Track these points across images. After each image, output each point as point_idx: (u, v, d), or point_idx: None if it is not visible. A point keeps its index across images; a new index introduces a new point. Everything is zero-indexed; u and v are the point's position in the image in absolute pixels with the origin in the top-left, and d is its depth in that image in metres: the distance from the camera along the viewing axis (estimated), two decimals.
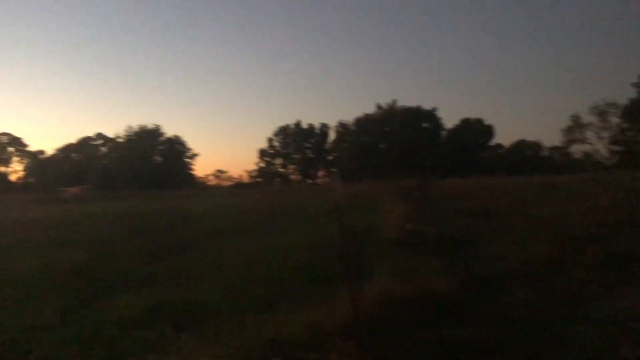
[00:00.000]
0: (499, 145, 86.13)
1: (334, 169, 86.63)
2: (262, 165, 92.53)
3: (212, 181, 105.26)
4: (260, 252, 12.30)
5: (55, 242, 16.23)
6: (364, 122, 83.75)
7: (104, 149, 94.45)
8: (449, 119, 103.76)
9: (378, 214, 18.63)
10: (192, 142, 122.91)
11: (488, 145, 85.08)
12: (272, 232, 16.17)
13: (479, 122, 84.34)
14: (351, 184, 37.61)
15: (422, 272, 9.28)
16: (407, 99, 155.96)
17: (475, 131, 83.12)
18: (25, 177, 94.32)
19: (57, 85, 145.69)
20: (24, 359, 6.06)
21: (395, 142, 78.48)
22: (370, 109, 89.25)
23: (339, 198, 6.28)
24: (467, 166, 68.12)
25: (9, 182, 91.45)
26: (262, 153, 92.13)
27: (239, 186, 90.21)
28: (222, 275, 9.84)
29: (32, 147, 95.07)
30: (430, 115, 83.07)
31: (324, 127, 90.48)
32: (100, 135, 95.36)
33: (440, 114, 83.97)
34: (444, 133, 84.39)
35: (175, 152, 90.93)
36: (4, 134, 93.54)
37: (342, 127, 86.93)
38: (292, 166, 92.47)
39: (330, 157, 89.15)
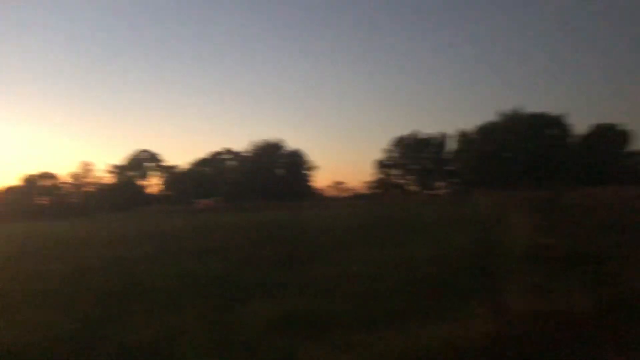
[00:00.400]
0: None
1: (454, 179, 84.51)
2: (380, 176, 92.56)
3: (331, 192, 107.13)
4: (386, 263, 12.41)
5: (192, 250, 17.54)
6: (486, 130, 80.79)
7: (232, 163, 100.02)
8: (580, 125, 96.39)
9: (505, 226, 17.94)
10: (312, 154, 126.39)
11: (626, 152, 78.18)
12: (395, 244, 16.21)
13: (614, 127, 77.86)
14: (474, 195, 36.48)
15: (556, 289, 8.83)
16: (533, 105, 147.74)
17: (611, 137, 76.80)
18: (162, 190, 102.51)
19: (189, 104, 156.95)
20: None
21: (520, 150, 74.76)
22: (492, 116, 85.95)
23: (482, 212, 6.23)
24: (602, 175, 63.07)
25: (149, 195, 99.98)
26: (380, 164, 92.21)
27: (357, 197, 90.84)
28: (350, 286, 10.06)
29: (169, 162, 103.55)
30: (557, 121, 78.18)
31: (443, 137, 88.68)
32: (228, 150, 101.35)
33: (570, 119, 78.71)
34: (574, 140, 78.91)
35: (296, 164, 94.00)
36: (144, 151, 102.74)
37: (463, 136, 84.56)
38: (410, 177, 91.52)
39: (450, 167, 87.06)
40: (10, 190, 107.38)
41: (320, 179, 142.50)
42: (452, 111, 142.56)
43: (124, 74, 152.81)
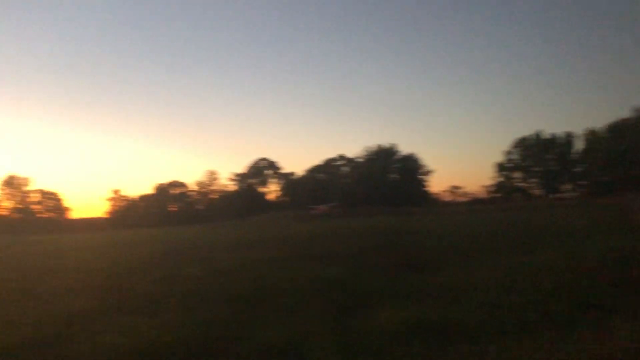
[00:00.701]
0: None
1: (583, 182, 78.71)
2: (500, 179, 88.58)
3: (448, 197, 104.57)
4: (514, 272, 11.74)
5: (312, 255, 17.81)
6: (618, 128, 74.29)
7: (345, 169, 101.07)
8: None
9: None
10: (427, 158, 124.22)
11: None
12: (522, 252, 15.32)
13: None
14: (606, 199, 33.63)
15: None
16: None
17: None
18: (280, 196, 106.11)
19: (304, 112, 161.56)
20: None
21: None
22: (625, 112, 78.85)
23: (621, 217, 5.66)
24: None
25: (268, 201, 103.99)
26: (500, 167, 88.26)
27: (475, 202, 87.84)
28: (476, 295, 9.62)
29: (286, 169, 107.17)
30: None
31: (569, 137, 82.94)
32: (341, 157, 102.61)
33: None
34: None
35: (410, 169, 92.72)
36: (263, 159, 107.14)
37: (592, 135, 78.50)
38: (533, 180, 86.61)
39: (577, 169, 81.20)
40: (144, 198, 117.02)
41: (436, 184, 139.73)
42: (579, 109, 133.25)
43: (244, 88, 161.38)
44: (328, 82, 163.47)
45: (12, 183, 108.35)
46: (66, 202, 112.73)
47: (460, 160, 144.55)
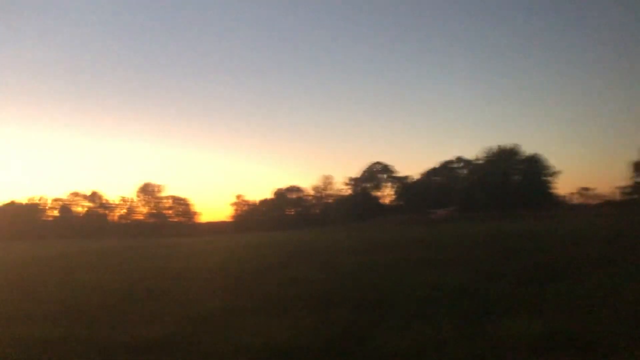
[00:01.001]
0: None
1: None
2: (637, 180, 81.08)
3: (576, 200, 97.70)
4: None
5: (433, 261, 17.44)
6: None
7: (464, 172, 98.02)
8: None
9: None
10: (553, 158, 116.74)
11: None
12: None
13: None
14: None
15: None
16: None
17: None
18: (395, 200, 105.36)
19: (419, 113, 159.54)
20: None
21: None
22: None
23: None
24: None
25: (383, 205, 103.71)
26: (636, 166, 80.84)
27: (607, 205, 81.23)
28: (614, 306, 8.86)
29: (400, 173, 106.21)
30: None
31: None
32: (459, 159, 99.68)
33: None
34: None
35: (534, 170, 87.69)
36: (377, 163, 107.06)
37: None
38: None
39: None
40: (264, 202, 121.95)
41: (563, 185, 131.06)
42: None
43: (358, 93, 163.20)
44: (443, 81, 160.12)
45: (147, 190, 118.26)
46: (195, 207, 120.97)
47: (589, 159, 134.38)
